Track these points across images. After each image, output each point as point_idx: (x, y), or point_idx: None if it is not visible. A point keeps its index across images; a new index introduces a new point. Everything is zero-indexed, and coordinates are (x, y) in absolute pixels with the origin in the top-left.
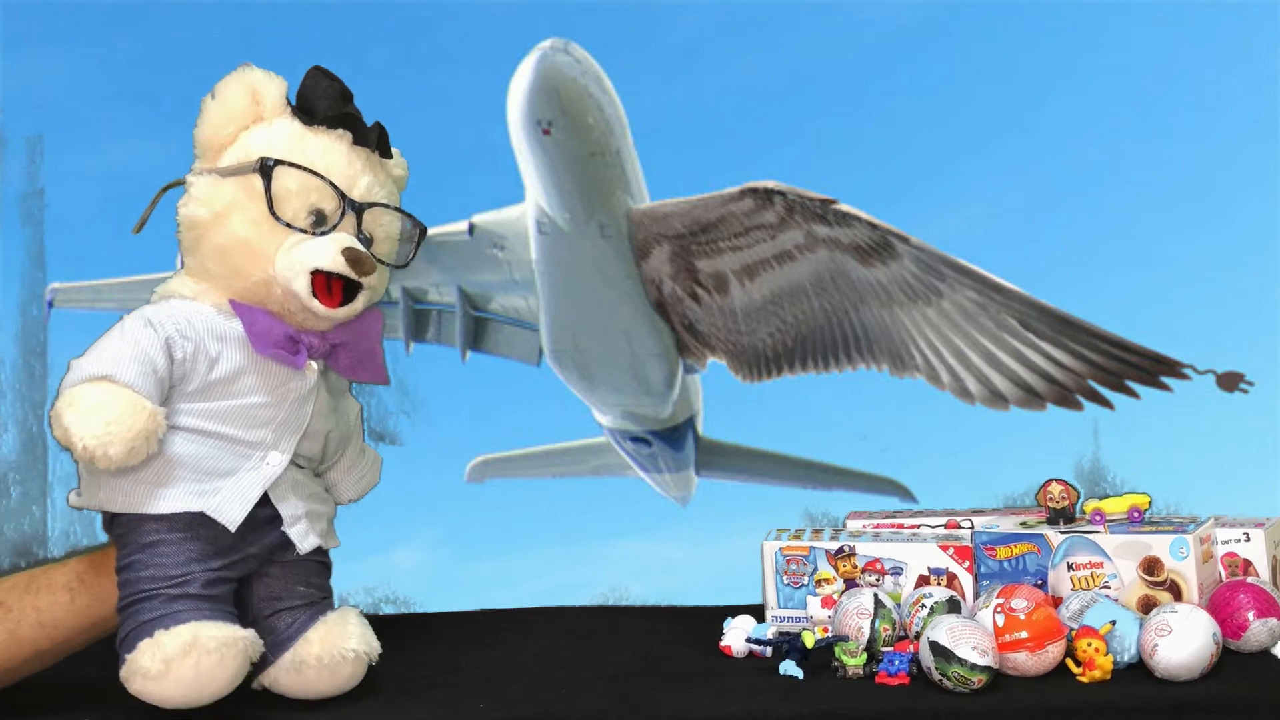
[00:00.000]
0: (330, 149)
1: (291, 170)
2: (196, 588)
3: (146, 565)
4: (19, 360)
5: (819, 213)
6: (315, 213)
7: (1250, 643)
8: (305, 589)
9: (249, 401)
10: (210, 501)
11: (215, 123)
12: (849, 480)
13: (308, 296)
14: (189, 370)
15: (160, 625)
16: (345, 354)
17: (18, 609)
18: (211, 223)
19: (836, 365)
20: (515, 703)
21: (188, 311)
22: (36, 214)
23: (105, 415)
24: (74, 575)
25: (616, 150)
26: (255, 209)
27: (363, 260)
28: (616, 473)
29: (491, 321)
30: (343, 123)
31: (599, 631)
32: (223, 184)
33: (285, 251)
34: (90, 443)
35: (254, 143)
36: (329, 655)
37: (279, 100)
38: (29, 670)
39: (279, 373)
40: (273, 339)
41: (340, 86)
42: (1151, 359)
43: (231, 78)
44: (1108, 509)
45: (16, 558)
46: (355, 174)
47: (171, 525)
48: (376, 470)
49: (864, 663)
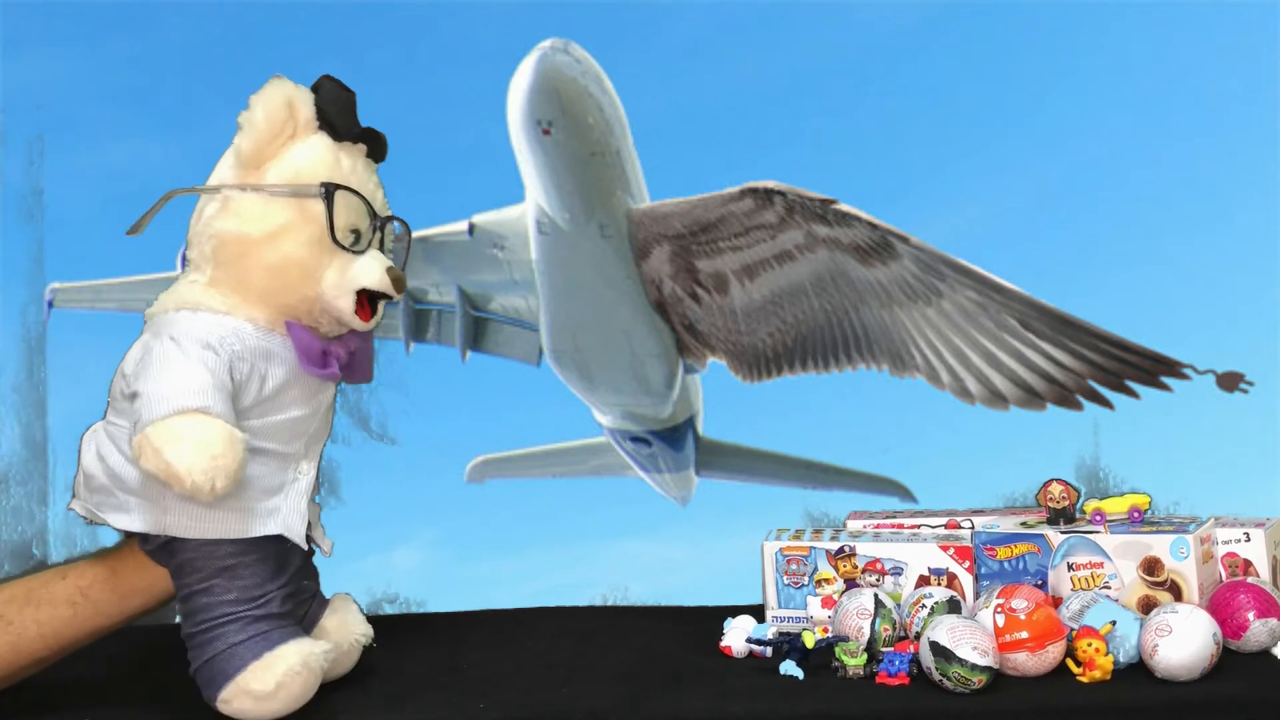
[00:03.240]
0: (357, 166)
1: (342, 193)
2: (276, 606)
3: (227, 589)
4: (19, 360)
5: (819, 213)
6: (354, 232)
7: (1250, 643)
8: (309, 582)
9: (290, 416)
10: (279, 520)
11: (262, 138)
12: (849, 480)
13: (350, 314)
14: (242, 390)
15: (261, 648)
16: (357, 360)
17: (19, 622)
18: (263, 241)
19: (836, 365)
20: (515, 703)
21: (234, 329)
22: (36, 214)
23: (211, 449)
24: (77, 590)
25: (616, 150)
26: (311, 231)
27: (401, 280)
28: (616, 473)
29: (491, 321)
30: (363, 137)
31: (599, 631)
32: (274, 202)
33: (337, 271)
34: (199, 478)
35: (300, 161)
36: (345, 642)
37: (310, 115)
38: (27, 675)
39: (312, 385)
40: (313, 355)
41: (353, 96)
42: (1151, 359)
43: (270, 90)
44: (1108, 509)
45: (16, 557)
46: (374, 188)
47: (246, 548)
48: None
49: (864, 663)
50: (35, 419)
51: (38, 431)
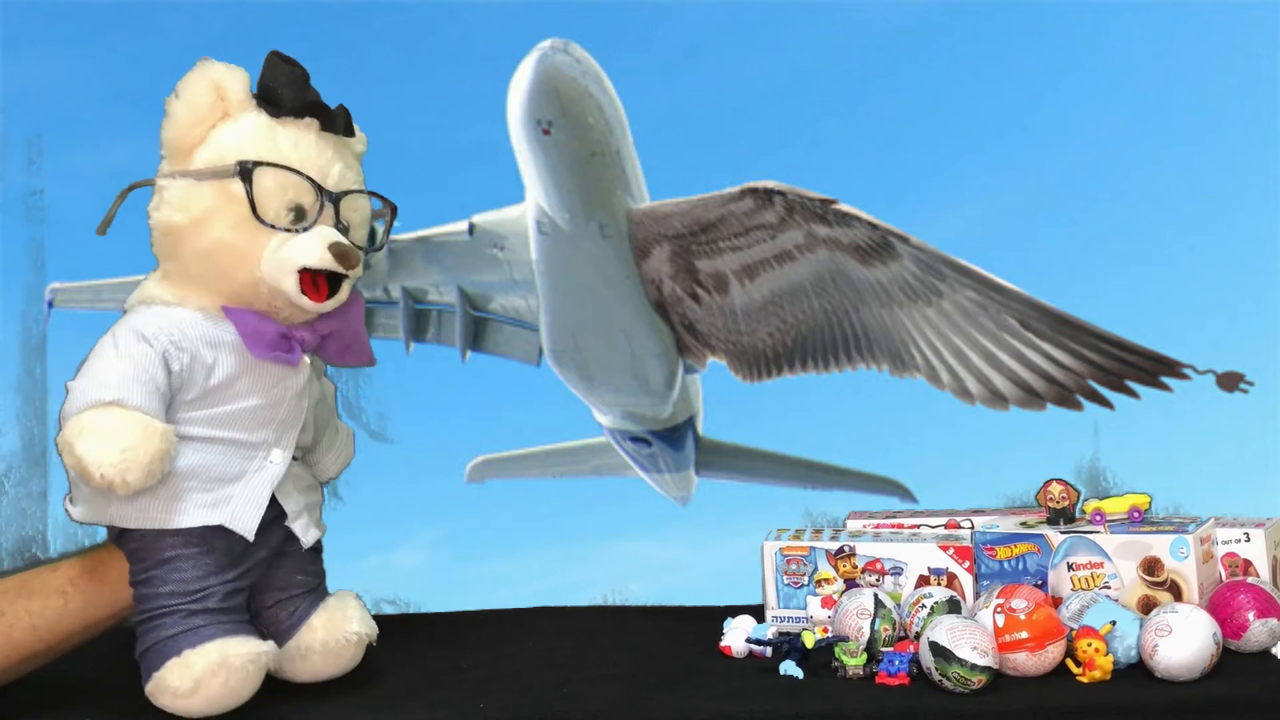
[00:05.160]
0: (301, 141)
1: (269, 170)
2: (216, 601)
3: (165, 581)
4: (19, 360)
5: (819, 213)
6: (295, 209)
7: (1250, 643)
8: (304, 577)
9: (248, 404)
10: (224, 512)
11: (182, 123)
12: (849, 480)
13: (296, 295)
14: (186, 380)
15: (186, 643)
16: (334, 342)
17: (10, 613)
18: (190, 228)
19: (836, 365)
20: (515, 703)
21: (177, 319)
22: (36, 214)
23: (120, 442)
24: (67, 580)
25: (616, 150)
26: (236, 212)
27: (349, 254)
28: (616, 473)
29: (491, 321)
30: (310, 111)
31: (599, 631)
32: (199, 187)
33: (271, 252)
34: (109, 471)
35: (225, 142)
36: (334, 640)
37: (243, 94)
38: (21, 672)
39: (274, 371)
40: (266, 340)
41: (300, 71)
42: (1151, 359)
43: (193, 74)
44: (1108, 509)
45: (16, 557)
46: (327, 163)
47: (188, 539)
48: (351, 444)
49: (864, 663)
50: (35, 419)
51: (38, 431)
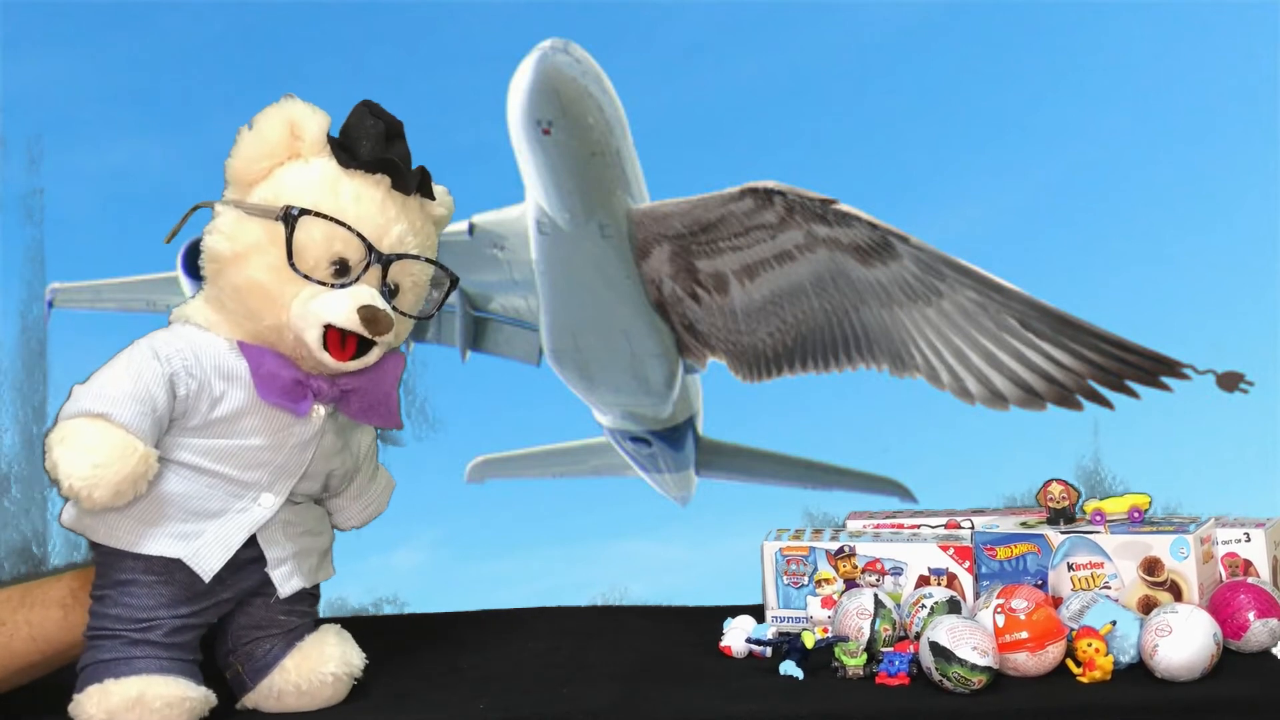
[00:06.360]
0: (363, 195)
1: (317, 219)
2: (160, 634)
3: (115, 603)
4: (19, 360)
5: (819, 213)
6: (338, 262)
7: (1251, 643)
8: (287, 617)
9: (248, 443)
10: (190, 546)
11: (248, 156)
12: (849, 480)
13: (318, 349)
14: (190, 407)
15: (112, 672)
16: (356, 399)
17: (11, 623)
18: (232, 260)
19: (836, 365)
20: (515, 703)
21: (199, 344)
22: (36, 214)
23: (95, 457)
24: (68, 591)
25: (616, 150)
26: (275, 255)
27: (378, 320)
28: (616, 473)
29: (491, 321)
30: (382, 167)
31: (599, 631)
32: (248, 221)
33: (301, 302)
34: (76, 483)
35: (285, 182)
36: (306, 682)
37: (319, 137)
38: (20, 681)
39: (282, 416)
40: (279, 385)
41: (385, 126)
42: (1151, 359)
43: (272, 110)
44: (1108, 509)
45: (16, 556)
46: (387, 222)
47: (148, 566)
48: (386, 498)
49: (864, 663)
50: (35, 419)
51: (37, 431)
